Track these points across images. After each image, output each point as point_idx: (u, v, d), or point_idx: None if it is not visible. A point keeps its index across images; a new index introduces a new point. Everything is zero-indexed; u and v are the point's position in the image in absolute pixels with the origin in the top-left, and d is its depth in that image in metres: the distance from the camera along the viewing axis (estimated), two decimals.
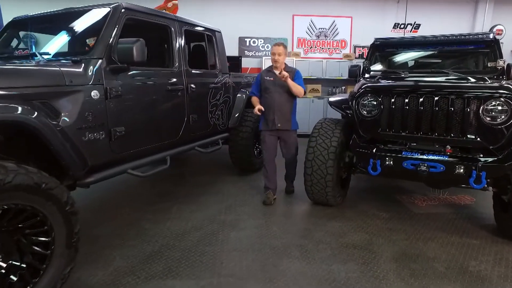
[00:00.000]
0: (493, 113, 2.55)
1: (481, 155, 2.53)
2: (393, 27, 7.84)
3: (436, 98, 2.68)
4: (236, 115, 4.23)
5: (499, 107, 2.51)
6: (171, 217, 3.22)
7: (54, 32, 2.84)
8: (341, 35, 7.93)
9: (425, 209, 3.51)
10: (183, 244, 2.70)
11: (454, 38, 3.83)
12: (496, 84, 2.68)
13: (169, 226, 3.04)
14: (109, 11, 2.52)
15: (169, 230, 2.96)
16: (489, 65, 3.64)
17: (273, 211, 3.41)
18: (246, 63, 7.87)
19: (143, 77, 2.75)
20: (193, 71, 3.41)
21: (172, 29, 3.14)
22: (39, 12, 2.87)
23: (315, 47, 7.96)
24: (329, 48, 7.98)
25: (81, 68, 2.25)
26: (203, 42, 3.79)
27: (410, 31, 7.81)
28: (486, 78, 3.13)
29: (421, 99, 2.73)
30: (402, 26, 7.80)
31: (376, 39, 4.28)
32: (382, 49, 4.34)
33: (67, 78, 2.11)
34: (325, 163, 3.11)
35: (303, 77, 3.56)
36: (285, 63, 3.46)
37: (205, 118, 3.66)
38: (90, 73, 2.27)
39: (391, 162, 2.68)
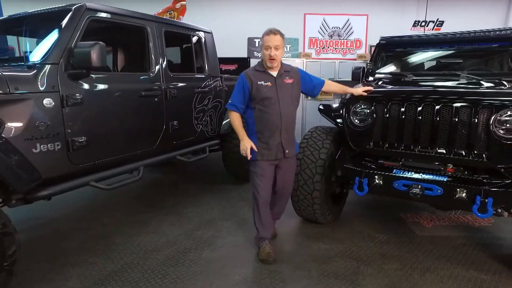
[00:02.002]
0: (507, 125, 2.13)
1: (490, 178, 2.10)
2: (413, 25, 7.26)
3: (437, 107, 2.29)
4: (228, 120, 3.97)
5: None
6: (146, 231, 3.03)
7: (25, 35, 2.74)
8: (356, 35, 7.46)
9: (430, 231, 3.08)
10: (148, 263, 2.50)
11: (473, 35, 3.35)
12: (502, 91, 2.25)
13: (141, 241, 2.85)
14: (70, 12, 2.36)
15: (139, 246, 2.77)
16: None
17: None
18: (255, 64, 7.60)
19: (109, 83, 2.57)
20: (174, 75, 3.20)
21: (149, 30, 2.95)
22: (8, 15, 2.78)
23: (328, 47, 7.55)
24: (342, 49, 7.54)
25: (31, 74, 2.09)
26: (189, 44, 3.56)
27: (432, 29, 7.20)
28: (504, 82, 2.67)
29: (419, 108, 2.34)
30: (423, 23, 7.21)
31: (382, 38, 3.87)
32: (390, 49, 3.92)
33: (11, 84, 1.96)
34: (312, 178, 2.79)
35: None
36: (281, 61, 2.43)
37: (189, 125, 3.45)
38: (41, 80, 2.11)
39: (381, 181, 2.31)
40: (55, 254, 2.61)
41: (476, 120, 2.18)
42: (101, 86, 2.50)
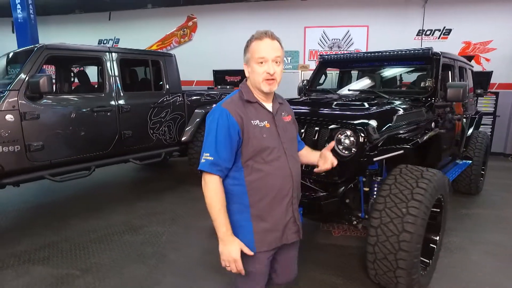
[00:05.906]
0: (344, 144, 2.38)
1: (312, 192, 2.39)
2: (417, 34, 7.04)
3: (302, 130, 2.62)
4: (188, 129, 4.64)
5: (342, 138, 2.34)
6: (99, 216, 3.83)
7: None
8: (356, 45, 7.51)
9: (331, 240, 3.30)
10: (80, 239, 3.27)
11: (391, 54, 3.50)
12: (338, 113, 2.48)
13: (88, 223, 3.65)
14: (33, 51, 3.26)
15: (84, 226, 3.57)
16: (421, 85, 3.23)
17: (186, 222, 3.70)
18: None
19: (61, 103, 3.43)
20: (126, 94, 3.97)
21: (104, 59, 3.76)
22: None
23: None
24: None
25: None
26: (147, 66, 4.31)
27: (438, 38, 6.89)
28: (386, 107, 2.81)
29: None
30: (428, 32, 6.95)
31: (321, 56, 4.17)
32: (330, 66, 4.20)
33: None
34: None
35: None
36: None
37: (144, 133, 4.18)
38: (4, 102, 3.02)
39: None
40: (23, 227, 3.54)
41: (325, 139, 2.46)
42: (54, 105, 3.36)
